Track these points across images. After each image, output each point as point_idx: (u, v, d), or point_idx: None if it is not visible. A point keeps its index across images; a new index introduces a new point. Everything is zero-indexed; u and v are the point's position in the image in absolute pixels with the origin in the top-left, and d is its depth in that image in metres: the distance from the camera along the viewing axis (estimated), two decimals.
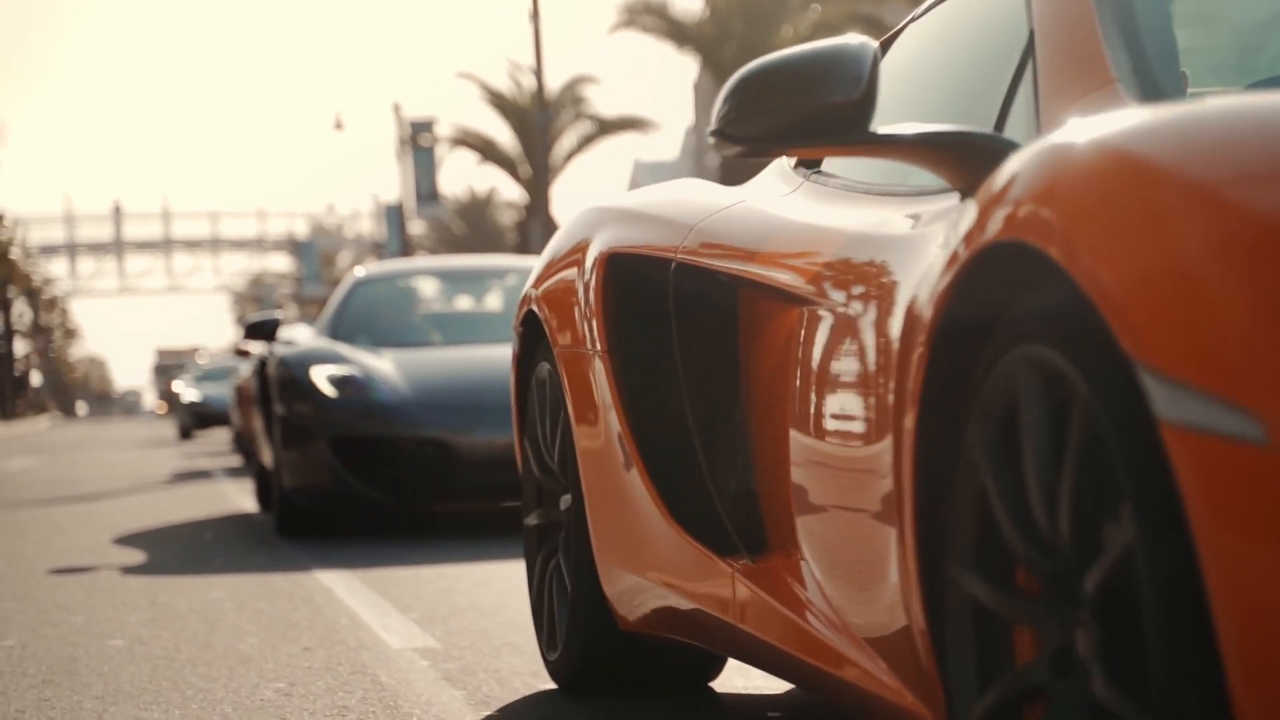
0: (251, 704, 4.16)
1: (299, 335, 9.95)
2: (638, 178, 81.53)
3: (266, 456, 10.05)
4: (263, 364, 10.23)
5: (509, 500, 8.44)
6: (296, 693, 4.29)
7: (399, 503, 8.68)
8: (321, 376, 8.92)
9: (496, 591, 6.23)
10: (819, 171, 3.45)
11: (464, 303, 10.95)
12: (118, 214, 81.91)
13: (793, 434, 2.95)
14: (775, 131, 2.69)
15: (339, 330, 9.97)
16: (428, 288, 10.94)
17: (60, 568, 7.84)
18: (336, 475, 8.65)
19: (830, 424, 2.81)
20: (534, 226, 39.88)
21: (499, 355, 8.93)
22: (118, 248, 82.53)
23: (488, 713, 3.95)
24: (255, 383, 10.71)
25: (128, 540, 9.24)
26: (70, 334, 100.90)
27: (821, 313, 2.89)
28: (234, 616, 5.81)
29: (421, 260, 12.09)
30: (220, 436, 31.44)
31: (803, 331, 2.96)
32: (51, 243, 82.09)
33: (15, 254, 64.72)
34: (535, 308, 4.03)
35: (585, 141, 46.51)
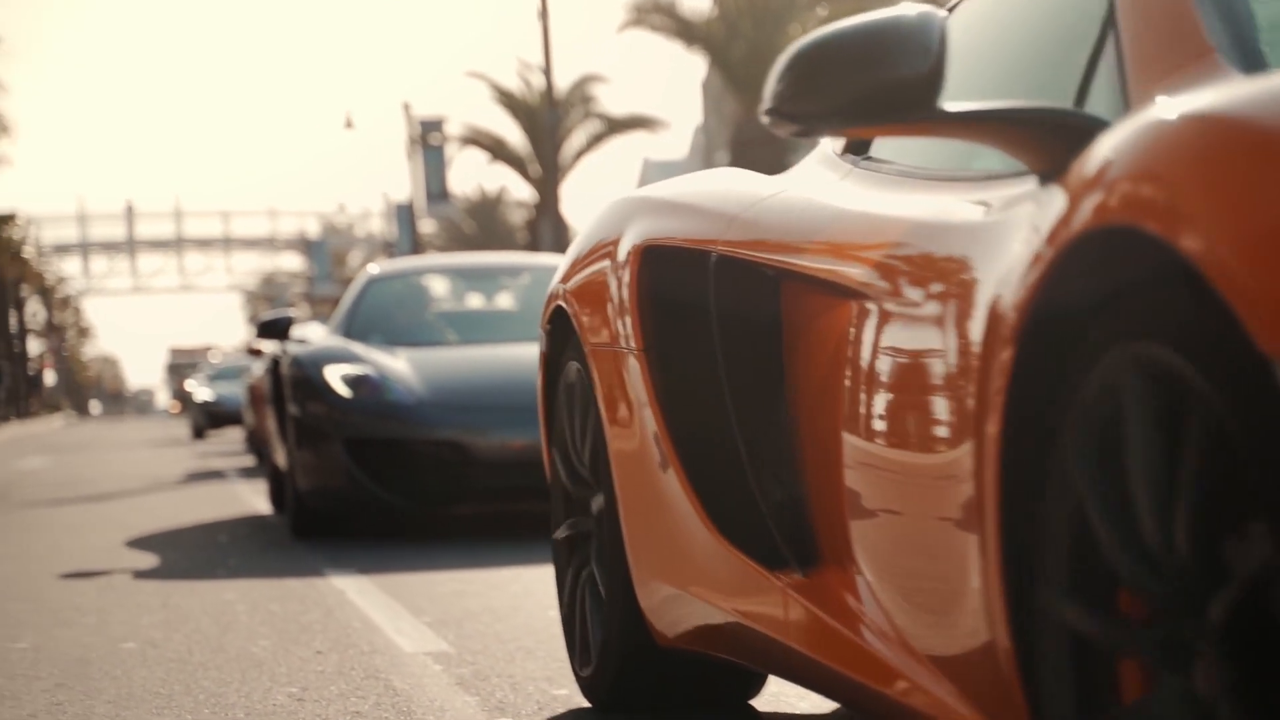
0: (264, 709, 4.15)
1: (312, 334, 9.77)
2: (646, 176, 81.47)
3: (280, 457, 9.93)
4: (275, 363, 10.07)
5: (527, 503, 8.35)
6: (309, 697, 4.28)
7: (415, 506, 8.53)
8: (335, 376, 8.76)
9: (510, 594, 6.22)
10: (868, 157, 3.23)
11: (479, 301, 10.75)
12: (130, 213, 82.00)
13: (846, 438, 2.74)
14: (835, 109, 2.48)
15: (353, 329, 9.79)
16: (442, 286, 10.75)
17: (73, 568, 7.83)
18: (351, 477, 8.50)
19: (895, 429, 2.59)
20: (544, 225, 39.87)
21: (516, 354, 8.84)
22: (130, 247, 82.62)
23: (503, 719, 3.93)
24: (268, 382, 10.55)
25: (141, 541, 9.24)
26: (83, 333, 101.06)
27: (882, 308, 2.67)
28: (246, 619, 5.80)
29: (436, 258, 11.95)
30: (233, 436, 31.43)
31: (860, 328, 2.74)
32: (64, 242, 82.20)
33: (28, 253, 64.80)
34: (564, 304, 3.82)
35: (594, 140, 46.49)
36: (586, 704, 4.04)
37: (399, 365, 8.89)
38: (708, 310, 3.24)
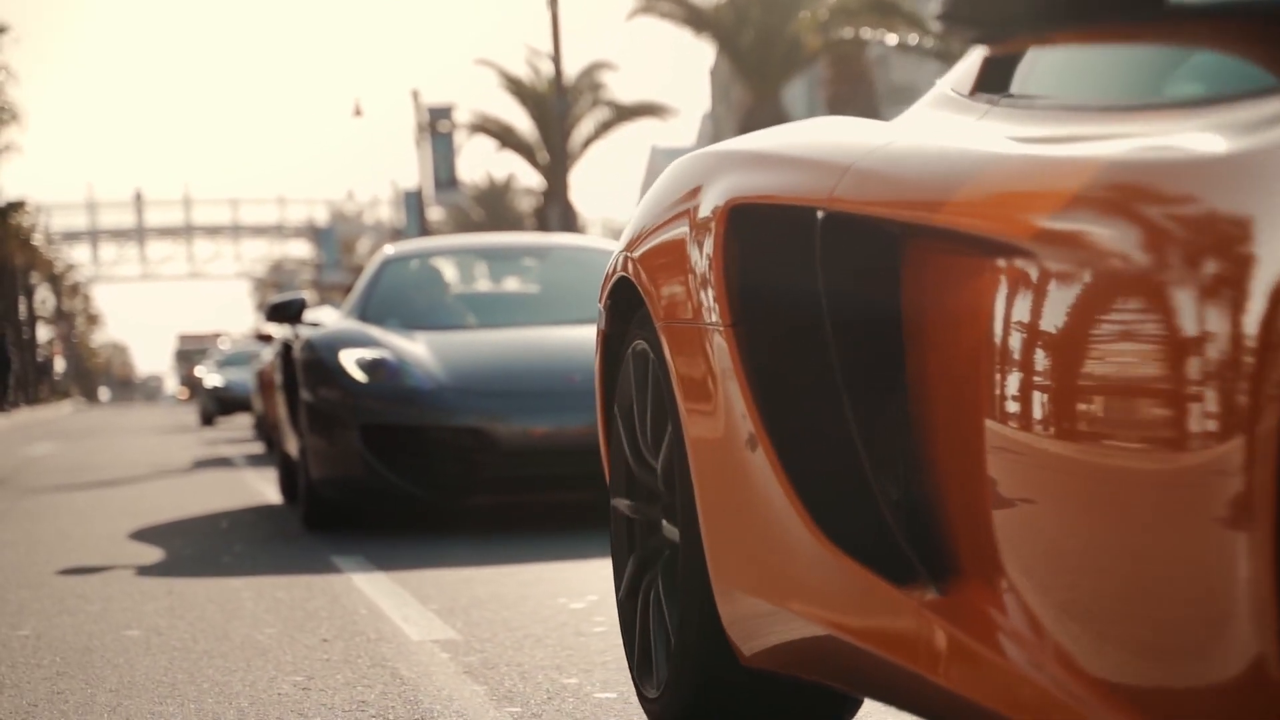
0: (269, 697, 4.08)
1: (325, 317, 9.45)
2: (654, 164, 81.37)
3: (291, 445, 9.61)
4: (287, 347, 9.75)
5: (550, 493, 8.18)
6: (315, 686, 4.21)
7: (433, 495, 8.13)
8: (350, 360, 8.36)
9: (518, 582, 6.15)
10: (1011, 94, 2.70)
11: (500, 283, 10.37)
12: (139, 201, 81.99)
13: (999, 429, 2.23)
14: (1035, 6, 2.05)
15: (368, 311, 9.36)
16: (461, 267, 10.35)
17: (78, 555, 7.77)
18: (367, 466, 8.11)
19: (1097, 423, 2.04)
20: (552, 212, 39.80)
21: (538, 338, 8.60)
22: (139, 234, 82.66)
23: (511, 709, 3.86)
24: (279, 367, 10.20)
25: (147, 528, 9.18)
26: (92, 320, 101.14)
27: (1066, 273, 2.10)
28: (252, 606, 5.73)
29: (454, 238, 11.45)
30: (242, 422, 31.38)
31: (1030, 298, 2.19)
32: (74, 229, 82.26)
33: (38, 240, 64.79)
34: (630, 275, 3.34)
35: (603, 128, 46.44)
36: (598, 693, 3.96)
37: (417, 349, 8.51)
38: (812, 278, 2.71)
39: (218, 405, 31.50)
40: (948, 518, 2.43)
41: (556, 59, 30.36)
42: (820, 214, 2.69)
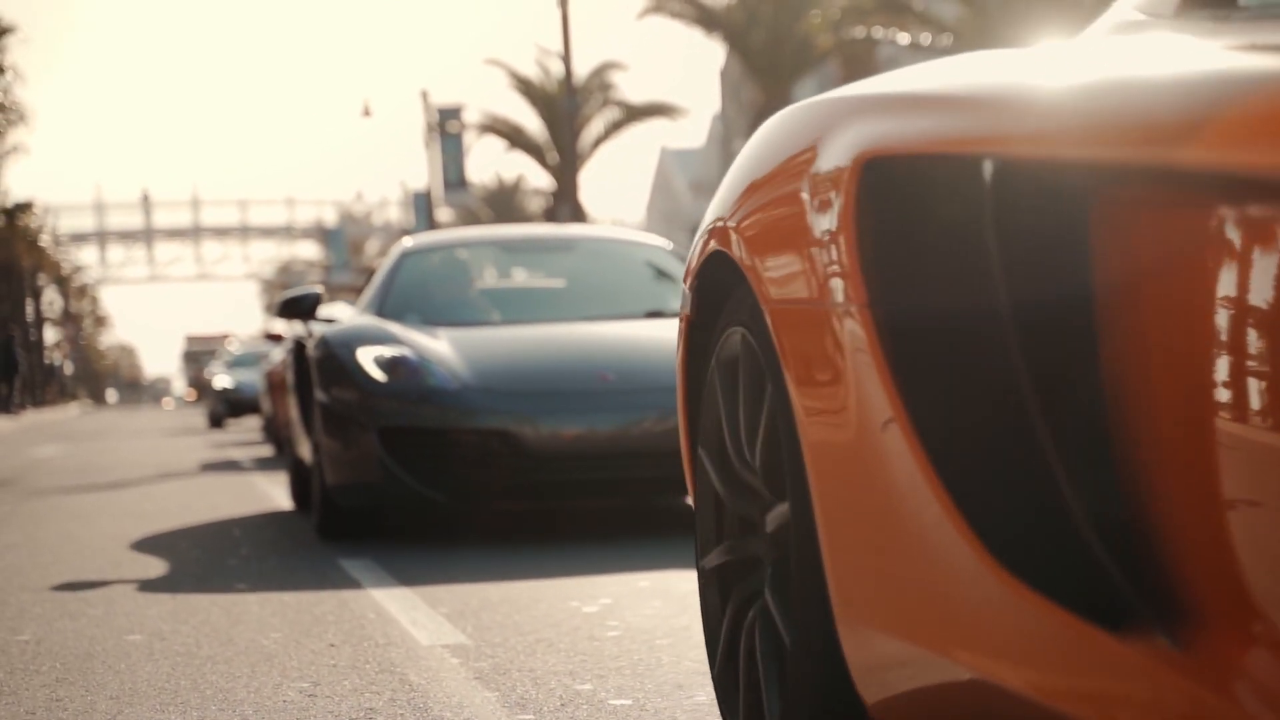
0: (274, 705, 3.95)
1: (340, 313, 8.94)
2: (664, 165, 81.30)
3: (304, 449, 9.07)
4: (299, 345, 9.27)
5: (584, 499, 7.76)
6: (321, 693, 4.08)
7: (457, 502, 7.56)
8: (368, 358, 7.81)
9: (530, 584, 6.02)
10: (1242, 6, 2.21)
11: (526, 276, 9.73)
12: (146, 202, 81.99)
13: (1242, 430, 1.74)
14: None
15: (385, 307, 8.81)
16: (484, 260, 9.71)
17: (82, 558, 7.65)
18: (386, 471, 7.56)
19: None
20: (562, 213, 39.69)
21: (569, 335, 8.17)
22: (147, 235, 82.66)
23: (524, 716, 3.73)
24: (291, 366, 9.62)
25: (152, 531, 9.05)
26: (100, 321, 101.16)
27: None
28: (257, 610, 5.61)
29: (477, 230, 10.81)
30: (251, 424, 31.26)
31: None
32: (81, 230, 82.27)
33: (45, 241, 64.77)
34: (728, 248, 2.79)
35: (613, 128, 46.32)
36: (613, 700, 3.83)
37: (439, 346, 7.96)
38: (978, 245, 2.13)
39: (226, 407, 31.16)
40: (1176, 543, 1.89)
41: (566, 59, 30.25)
42: (990, 164, 2.11)
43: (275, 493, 11.70)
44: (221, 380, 31.59)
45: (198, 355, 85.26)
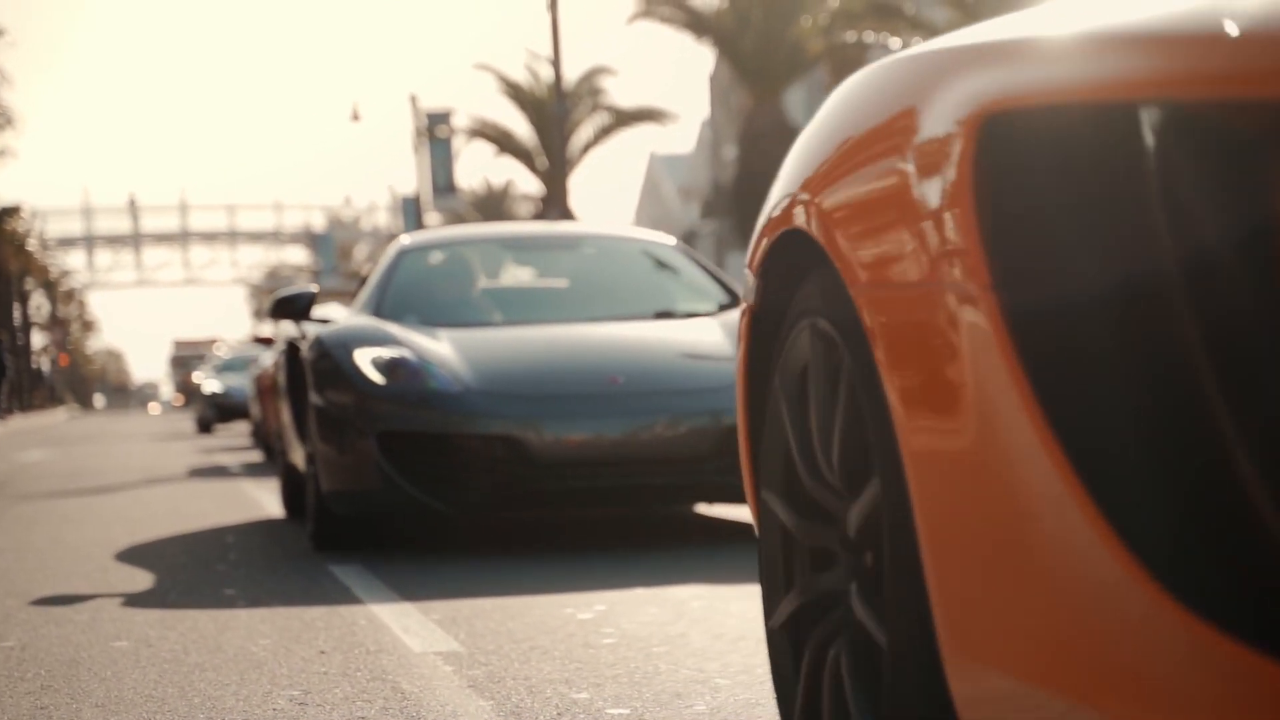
0: (264, 713, 3.87)
1: (336, 314, 8.56)
2: (653, 170, 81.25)
3: (297, 455, 8.67)
4: (292, 347, 8.90)
5: (592, 507, 7.48)
6: (312, 701, 4.00)
7: (460, 511, 7.20)
8: (366, 360, 7.42)
9: (522, 589, 5.93)
10: None
11: (528, 276, 9.33)
12: (133, 207, 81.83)
13: None
14: None
15: (383, 307, 8.39)
16: (486, 258, 9.25)
17: (69, 563, 7.55)
18: (385, 477, 7.17)
19: None
20: (550, 219, 39.62)
21: (576, 336, 7.79)
22: (135, 240, 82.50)
23: None
24: (283, 369, 9.23)
25: (139, 535, 8.96)
26: (88, 326, 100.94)
27: None
28: (246, 616, 5.52)
29: (478, 227, 10.43)
30: (240, 429, 31.09)
31: None
32: (69, 235, 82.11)
33: (33, 246, 64.60)
34: (807, 225, 2.39)
35: (603, 133, 46.25)
36: (611, 709, 3.75)
37: (440, 348, 7.57)
38: (1141, 210, 1.73)
39: (215, 412, 30.85)
40: None
41: (556, 63, 30.17)
42: (1148, 113, 1.71)
43: (264, 498, 11.60)
44: (210, 385, 31.21)
45: (185, 360, 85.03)
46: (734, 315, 7.92)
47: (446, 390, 7.29)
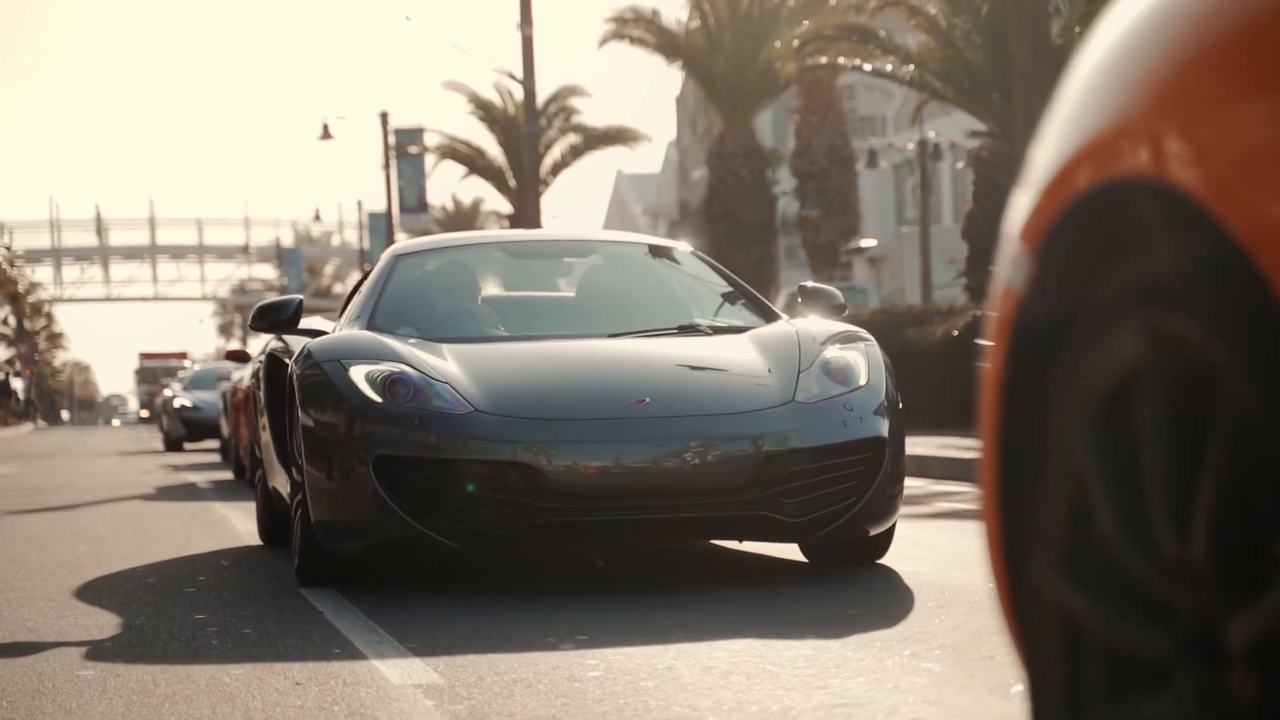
0: None
1: (324, 326, 7.98)
2: (619, 189, 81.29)
3: (279, 481, 7.92)
4: (273, 360, 8.23)
5: (614, 544, 7.05)
6: None
7: (465, 546, 6.41)
8: (362, 376, 6.66)
9: (494, 618, 5.76)
10: None
11: (534, 286, 8.66)
12: (99, 222, 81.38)
13: None
14: None
15: (375, 319, 7.63)
16: (487, 266, 8.55)
17: (31, 584, 7.37)
18: (382, 507, 6.42)
19: None
20: None
21: (594, 352, 7.04)
22: (103, 254, 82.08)
23: None
24: (263, 384, 8.44)
25: (106, 555, 8.78)
26: (54, 339, 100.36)
27: None
28: (217, 644, 5.36)
29: (478, 233, 9.64)
30: (209, 445, 30.69)
31: None
32: (36, 248, 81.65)
33: (0, 258, 64.17)
34: (1157, 169, 1.49)
35: (574, 154, 46.17)
36: None
37: (444, 364, 6.82)
38: None
39: (185, 428, 29.90)
40: None
41: (529, 83, 30.04)
42: None
43: (233, 516, 11.41)
44: (181, 399, 30.29)
45: (152, 372, 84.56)
46: (768, 330, 7.32)
47: (452, 411, 6.50)
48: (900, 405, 6.94)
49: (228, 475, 18.39)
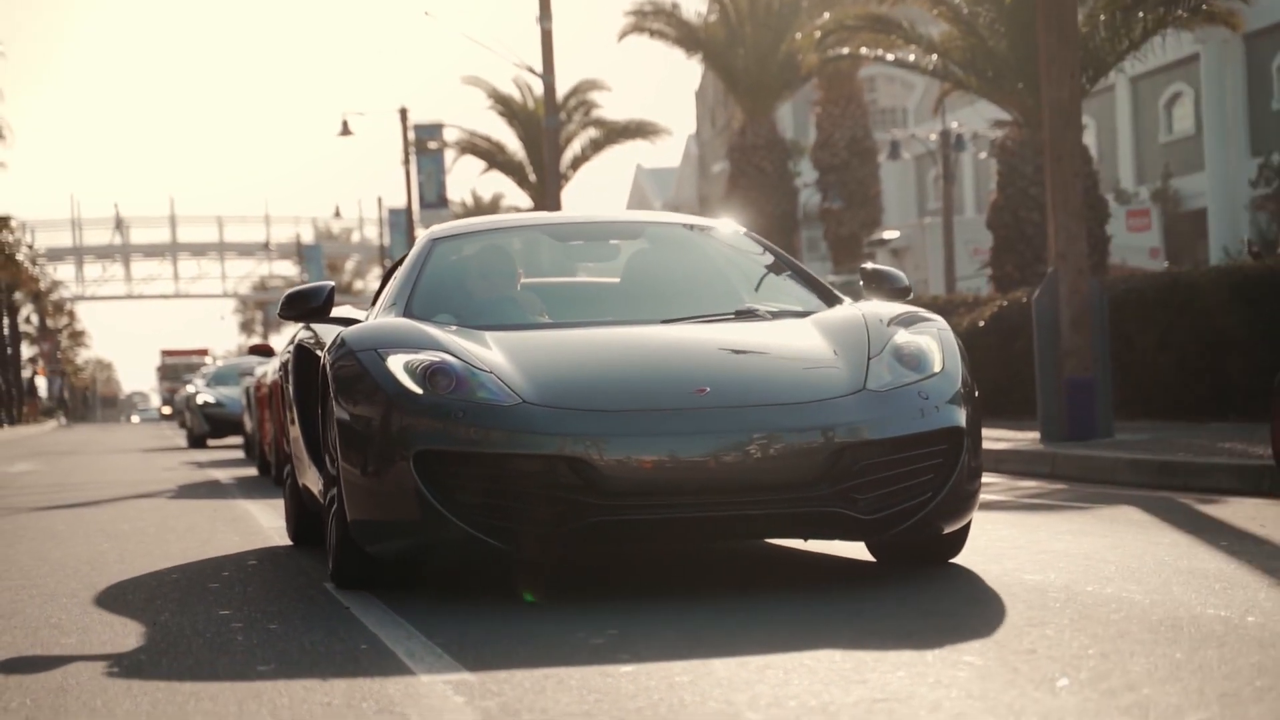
0: None
1: (356, 314, 7.53)
2: (639, 184, 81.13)
3: (310, 478, 7.57)
4: (303, 351, 7.91)
5: (671, 543, 6.55)
6: None
7: (514, 548, 5.94)
8: (400, 366, 6.23)
9: (523, 614, 5.67)
10: None
11: (581, 269, 8.28)
12: (119, 221, 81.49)
13: None
14: None
15: (412, 306, 7.19)
16: (529, 250, 8.09)
17: (55, 580, 7.31)
18: (425, 506, 5.98)
19: None
20: None
21: (648, 339, 6.59)
22: (124, 252, 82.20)
23: None
24: (291, 376, 8.09)
25: (129, 552, 8.71)
26: (77, 337, 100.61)
27: None
28: (243, 640, 5.28)
29: (519, 215, 8.98)
30: (232, 442, 30.65)
31: None
32: (58, 246, 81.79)
33: (22, 257, 64.27)
34: None
35: (594, 148, 46.07)
36: None
37: (489, 354, 6.37)
38: None
39: (208, 425, 29.85)
40: None
41: (549, 77, 29.95)
42: None
43: (257, 512, 11.35)
44: (204, 395, 30.15)
45: (174, 369, 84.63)
46: (832, 314, 6.86)
47: (498, 402, 6.04)
48: (976, 393, 6.51)
49: (251, 471, 18.34)
